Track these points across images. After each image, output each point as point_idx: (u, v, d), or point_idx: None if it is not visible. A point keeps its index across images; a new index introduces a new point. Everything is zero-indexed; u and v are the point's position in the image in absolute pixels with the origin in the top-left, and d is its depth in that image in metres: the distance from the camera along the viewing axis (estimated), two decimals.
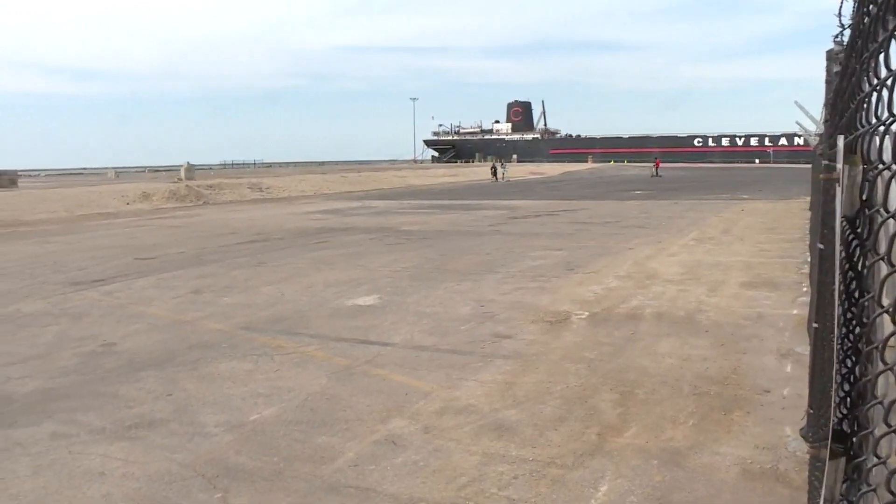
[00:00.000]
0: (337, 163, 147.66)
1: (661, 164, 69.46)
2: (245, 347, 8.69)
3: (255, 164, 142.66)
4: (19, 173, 61.63)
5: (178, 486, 5.07)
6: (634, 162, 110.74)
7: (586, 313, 9.90)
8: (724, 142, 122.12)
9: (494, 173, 63.60)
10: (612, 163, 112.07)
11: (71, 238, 23.57)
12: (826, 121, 5.42)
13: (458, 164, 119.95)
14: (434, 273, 13.58)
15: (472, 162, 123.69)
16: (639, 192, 39.34)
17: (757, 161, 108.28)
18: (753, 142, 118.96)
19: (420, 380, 7.22)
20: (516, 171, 73.21)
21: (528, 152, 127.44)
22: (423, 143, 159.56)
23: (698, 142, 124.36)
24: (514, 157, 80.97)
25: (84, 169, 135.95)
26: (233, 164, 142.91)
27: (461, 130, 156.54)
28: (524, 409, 6.33)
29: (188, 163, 59.52)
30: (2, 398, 7.17)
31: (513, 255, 15.58)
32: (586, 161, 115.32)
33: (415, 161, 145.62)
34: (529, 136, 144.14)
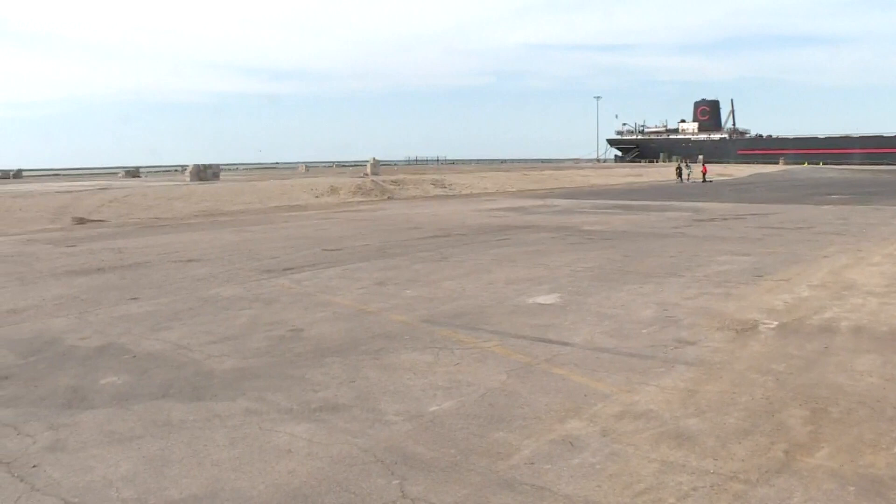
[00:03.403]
0: (519, 161, 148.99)
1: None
2: (426, 340, 8.88)
3: (438, 160, 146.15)
4: (221, 167, 66.02)
5: (358, 470, 5.25)
6: (831, 164, 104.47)
7: (775, 323, 9.42)
8: None
9: (679, 174, 61.81)
10: (805, 165, 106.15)
11: (264, 228, 24.98)
12: None
13: (641, 163, 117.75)
14: (616, 274, 13.36)
15: (656, 162, 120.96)
16: (836, 197, 36.98)
17: None
18: None
19: (599, 381, 7.12)
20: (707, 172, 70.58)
21: (715, 153, 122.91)
22: (606, 143, 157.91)
23: None
24: (700, 157, 78.02)
25: (277, 163, 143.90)
26: (416, 160, 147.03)
27: (645, 130, 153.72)
28: (706, 418, 6.11)
29: (374, 158, 61.71)
30: (204, 373, 7.73)
31: (697, 259, 15.08)
32: (777, 163, 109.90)
33: (598, 160, 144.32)
34: (717, 137, 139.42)
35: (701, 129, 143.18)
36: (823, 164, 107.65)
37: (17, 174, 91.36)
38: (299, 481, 5.09)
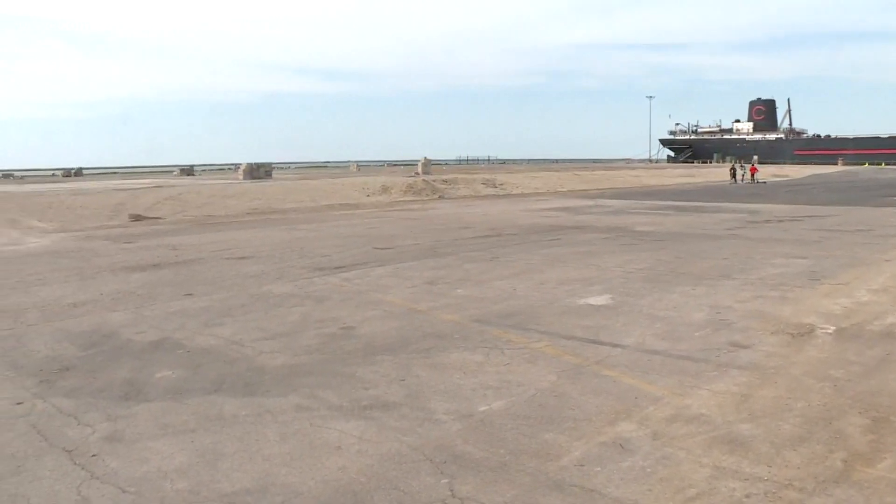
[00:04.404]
0: (571, 161, 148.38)
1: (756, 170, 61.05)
2: (476, 339, 8.86)
3: (489, 160, 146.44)
4: (273, 166, 66.94)
5: (408, 468, 5.26)
6: (895, 165, 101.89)
7: (833, 328, 9.21)
8: None
9: (734, 175, 60.87)
10: (866, 165, 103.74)
11: (315, 226, 25.19)
12: None
13: (694, 164, 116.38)
14: (668, 276, 13.20)
15: (710, 162, 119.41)
16: None
17: None
18: None
19: (651, 384, 7.03)
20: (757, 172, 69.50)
21: (770, 153, 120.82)
22: (658, 143, 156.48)
23: None
24: (755, 157, 76.78)
25: (328, 162, 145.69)
26: (468, 159, 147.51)
27: (699, 130, 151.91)
28: (760, 424, 5.98)
29: (425, 158, 61.90)
30: (256, 369, 7.83)
31: (752, 262, 14.81)
32: (836, 163, 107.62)
33: (650, 160, 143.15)
34: (772, 137, 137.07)
35: (756, 129, 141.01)
36: (886, 164, 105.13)
37: (78, 172, 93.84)
38: (349, 478, 5.12)
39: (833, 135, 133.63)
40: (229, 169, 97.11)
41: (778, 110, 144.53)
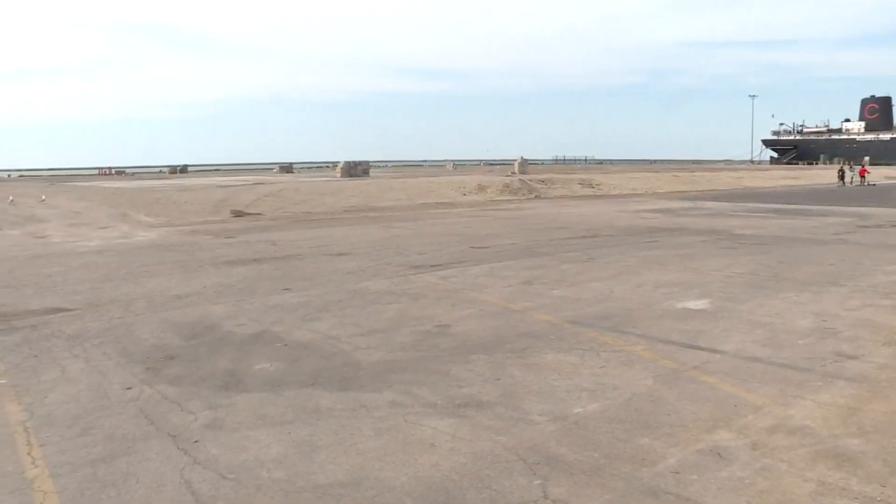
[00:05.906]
0: (669, 161, 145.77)
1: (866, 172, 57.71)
2: (572, 341, 8.79)
3: (585, 160, 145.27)
4: (370, 164, 67.99)
5: (500, 468, 5.25)
6: None
7: None
8: None
9: (842, 177, 58.58)
10: None
11: (412, 224, 25.41)
12: None
13: (799, 165, 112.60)
14: (770, 281, 12.79)
15: (816, 164, 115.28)
16: None
17: None
18: None
19: (751, 392, 6.83)
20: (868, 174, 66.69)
21: (885, 154, 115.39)
22: (761, 143, 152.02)
23: None
24: (866, 159, 73.73)
25: (424, 161, 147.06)
26: (564, 159, 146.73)
27: (804, 130, 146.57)
28: (870, 440, 5.72)
29: (522, 157, 61.73)
30: (352, 364, 7.95)
31: (861, 268, 14.22)
32: None
33: (751, 162, 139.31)
34: (887, 136, 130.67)
35: (868, 129, 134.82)
36: None
37: (183, 169, 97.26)
38: (442, 475, 5.15)
39: None
40: (327, 167, 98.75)
41: (894, 108, 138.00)
